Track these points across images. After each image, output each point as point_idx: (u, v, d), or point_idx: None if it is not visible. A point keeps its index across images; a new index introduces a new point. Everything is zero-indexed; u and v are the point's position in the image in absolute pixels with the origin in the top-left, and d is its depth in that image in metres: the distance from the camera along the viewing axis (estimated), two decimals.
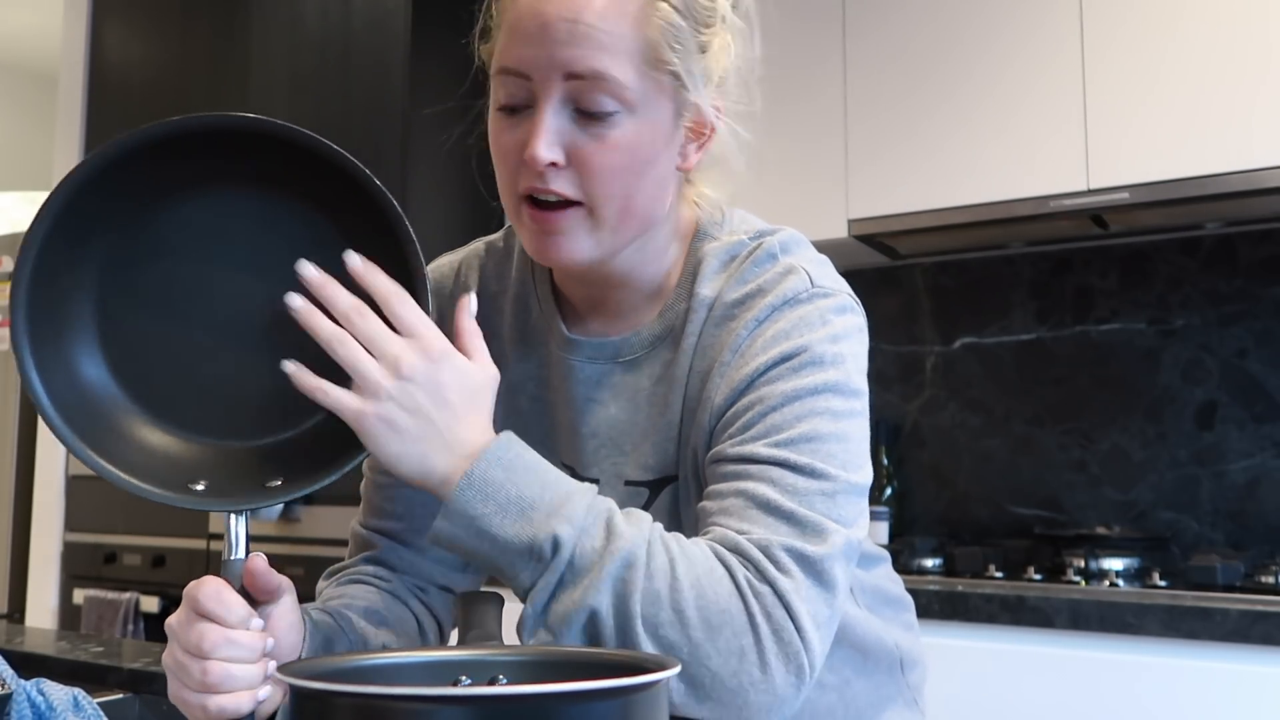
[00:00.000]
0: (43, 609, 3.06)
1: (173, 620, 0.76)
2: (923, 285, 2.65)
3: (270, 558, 0.79)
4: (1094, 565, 1.96)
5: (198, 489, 0.77)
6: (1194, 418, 2.32)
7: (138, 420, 0.80)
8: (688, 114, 0.85)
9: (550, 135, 0.80)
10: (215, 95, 2.90)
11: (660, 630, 0.74)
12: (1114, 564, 1.96)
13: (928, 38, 2.35)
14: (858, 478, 0.83)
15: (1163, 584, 1.88)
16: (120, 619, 2.78)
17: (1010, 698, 1.82)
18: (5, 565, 3.28)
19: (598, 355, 0.93)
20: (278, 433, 0.80)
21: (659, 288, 0.93)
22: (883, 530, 2.41)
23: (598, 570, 0.74)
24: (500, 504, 0.75)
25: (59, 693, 0.84)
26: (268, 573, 0.77)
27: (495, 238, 1.04)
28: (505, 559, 0.76)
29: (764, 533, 0.77)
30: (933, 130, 2.32)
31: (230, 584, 0.75)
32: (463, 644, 0.73)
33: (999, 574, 2.05)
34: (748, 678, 0.74)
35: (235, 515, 0.76)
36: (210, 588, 0.74)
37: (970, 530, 2.53)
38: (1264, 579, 1.82)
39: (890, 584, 1.06)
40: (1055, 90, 2.20)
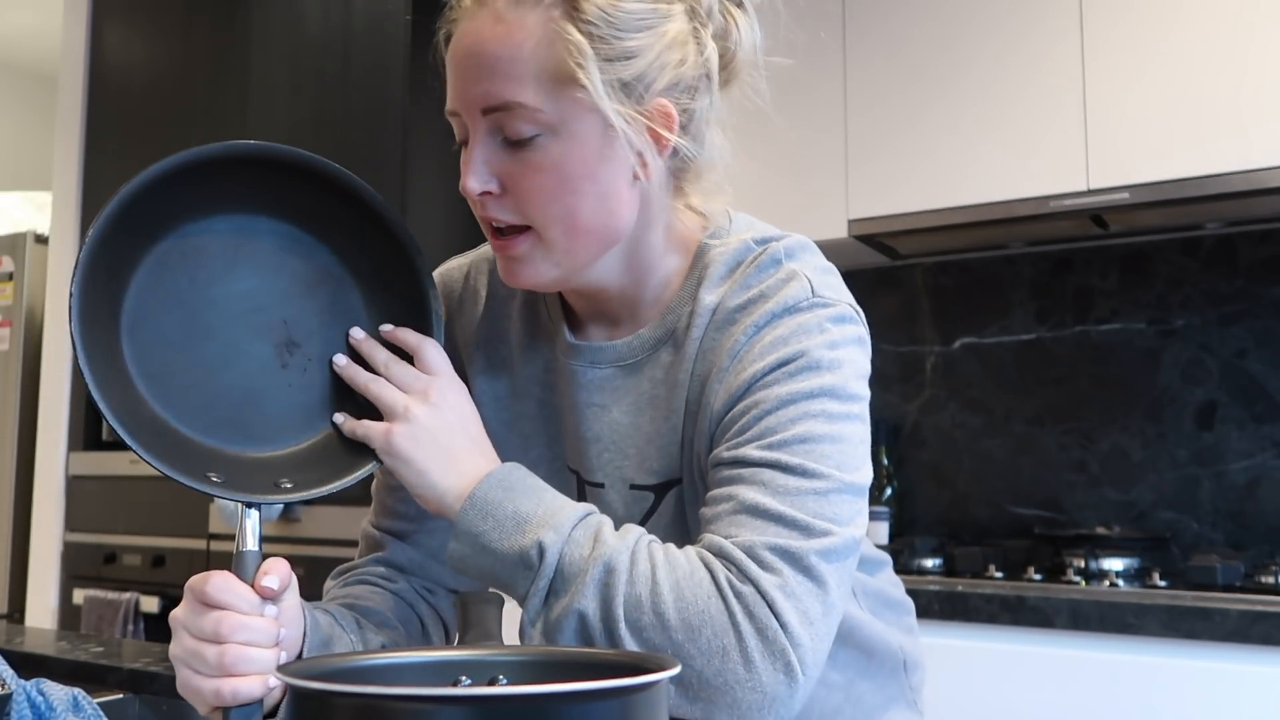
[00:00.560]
0: (43, 609, 3.06)
1: (178, 613, 0.78)
2: (923, 285, 2.66)
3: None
4: (1094, 565, 1.96)
5: (214, 479, 0.80)
6: (1194, 418, 2.32)
7: (157, 414, 0.83)
8: (630, 125, 0.83)
9: (479, 167, 0.84)
10: (215, 96, 2.90)
11: (644, 634, 0.77)
12: (1114, 564, 1.96)
13: (927, 38, 2.36)
14: (853, 477, 0.83)
15: (1163, 584, 1.88)
16: (120, 619, 2.78)
17: (1010, 698, 1.82)
18: (5, 565, 3.28)
19: (599, 360, 0.94)
20: (288, 443, 0.86)
21: (659, 295, 0.93)
22: (883, 530, 2.40)
23: (583, 576, 0.78)
24: (498, 520, 0.81)
25: (59, 693, 0.84)
26: (278, 564, 0.80)
27: None
28: (505, 572, 0.81)
29: (750, 535, 0.79)
30: (933, 130, 2.32)
31: (244, 575, 0.78)
32: (463, 644, 0.74)
33: (999, 574, 2.05)
34: (732, 676, 0.75)
35: (248, 509, 0.80)
36: (218, 580, 0.76)
37: (970, 530, 2.53)
38: (1264, 579, 1.82)
39: (892, 588, 1.07)
40: (1055, 90, 2.20)
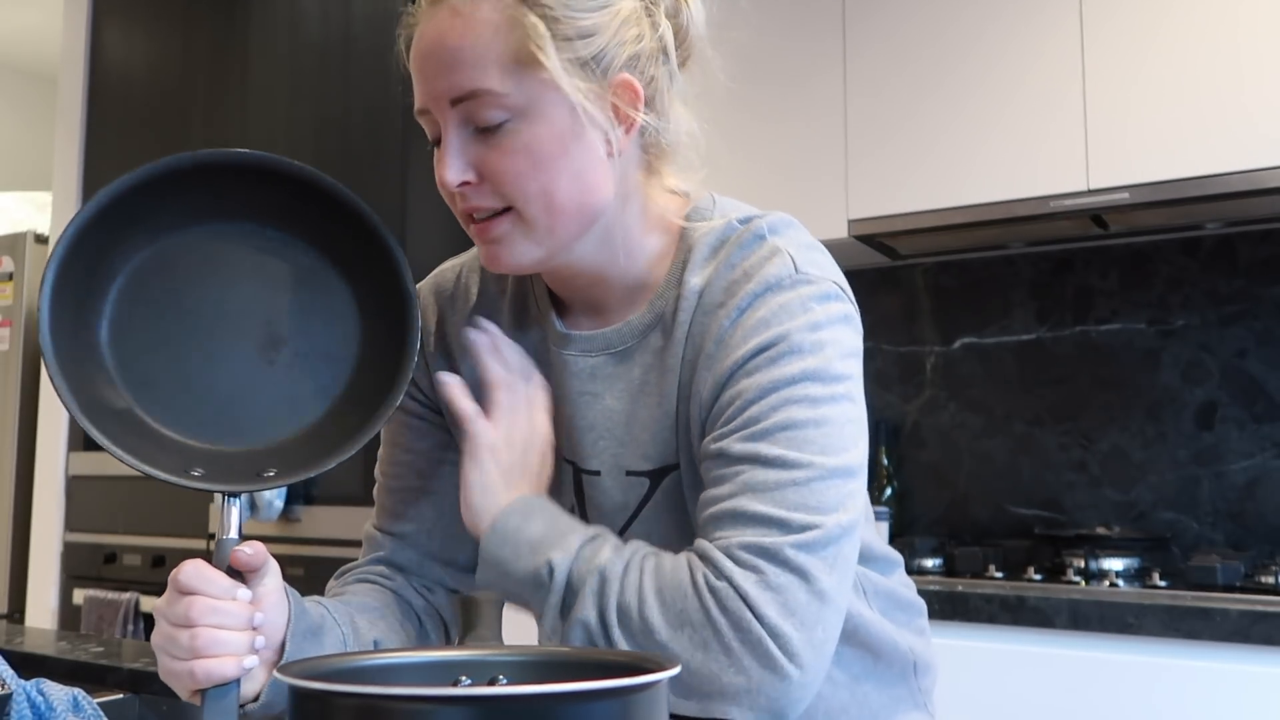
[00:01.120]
0: (43, 609, 3.06)
1: (159, 602, 0.81)
2: (923, 285, 2.65)
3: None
4: (1094, 565, 1.96)
5: (195, 474, 0.83)
6: (1194, 418, 2.32)
7: (140, 416, 0.85)
8: (593, 102, 0.84)
9: (454, 159, 0.85)
10: (215, 96, 2.90)
11: (635, 639, 0.80)
12: (1114, 564, 1.96)
13: (928, 38, 2.35)
14: (838, 461, 0.82)
15: (1163, 584, 1.88)
16: (120, 619, 2.78)
17: (1010, 698, 1.82)
18: (5, 565, 3.28)
19: (589, 348, 0.94)
20: (270, 437, 0.88)
21: (645, 279, 0.93)
22: (883, 530, 2.40)
23: (585, 589, 0.82)
24: (515, 545, 0.85)
25: (59, 693, 0.84)
26: (255, 544, 0.83)
27: None
28: (525, 592, 0.85)
29: (730, 535, 0.80)
30: (933, 130, 2.32)
31: (222, 564, 0.80)
32: (463, 644, 0.74)
33: (999, 574, 2.05)
34: (718, 668, 0.77)
35: (229, 498, 0.82)
36: (190, 567, 0.79)
37: (970, 530, 2.53)
38: (1264, 579, 1.82)
39: (904, 589, 1.06)
40: (1055, 90, 2.20)
